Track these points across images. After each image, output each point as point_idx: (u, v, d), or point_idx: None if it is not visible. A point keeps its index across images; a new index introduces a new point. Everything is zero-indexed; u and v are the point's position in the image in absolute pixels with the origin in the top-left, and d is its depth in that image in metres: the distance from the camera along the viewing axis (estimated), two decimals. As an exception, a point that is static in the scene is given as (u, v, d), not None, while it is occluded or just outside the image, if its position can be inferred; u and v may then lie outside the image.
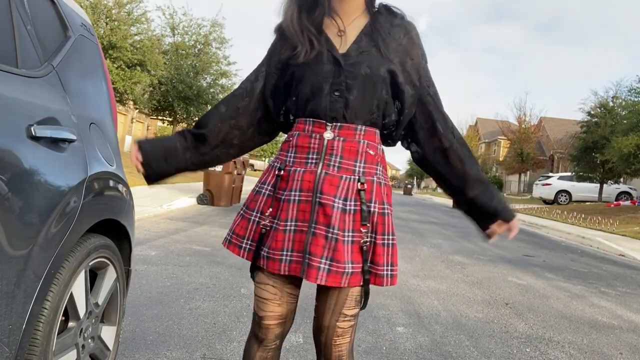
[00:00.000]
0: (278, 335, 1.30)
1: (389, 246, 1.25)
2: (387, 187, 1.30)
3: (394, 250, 1.27)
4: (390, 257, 1.25)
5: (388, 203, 1.28)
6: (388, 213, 1.27)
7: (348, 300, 1.26)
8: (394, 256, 1.26)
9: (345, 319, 1.26)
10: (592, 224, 12.79)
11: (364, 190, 1.23)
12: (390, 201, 1.30)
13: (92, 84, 1.82)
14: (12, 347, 1.17)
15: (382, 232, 1.24)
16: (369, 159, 1.25)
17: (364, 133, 1.25)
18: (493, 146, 45.11)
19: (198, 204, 9.32)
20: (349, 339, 1.29)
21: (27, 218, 1.19)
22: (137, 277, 3.53)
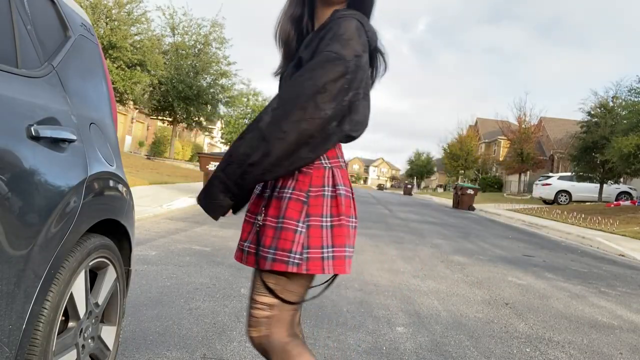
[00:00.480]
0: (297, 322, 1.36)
1: (278, 229, 1.22)
2: (300, 173, 1.25)
3: (282, 234, 1.21)
4: (276, 240, 1.21)
5: (294, 188, 1.24)
6: (287, 197, 1.24)
7: (257, 285, 1.27)
8: (281, 240, 1.21)
9: (256, 306, 1.26)
10: (592, 224, 12.80)
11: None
12: (300, 187, 1.24)
13: (92, 84, 1.82)
14: (12, 347, 1.17)
15: (275, 215, 1.24)
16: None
17: None
18: (493, 146, 45.12)
19: (198, 204, 9.32)
20: (266, 333, 1.25)
21: (27, 218, 1.19)
22: (137, 277, 3.53)
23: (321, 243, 1.23)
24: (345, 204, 1.27)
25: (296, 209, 1.22)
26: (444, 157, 43.59)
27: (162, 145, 30.81)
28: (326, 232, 1.23)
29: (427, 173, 66.34)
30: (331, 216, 1.24)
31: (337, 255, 1.23)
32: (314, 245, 1.22)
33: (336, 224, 1.24)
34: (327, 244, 1.23)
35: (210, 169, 9.40)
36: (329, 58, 1.19)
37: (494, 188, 37.98)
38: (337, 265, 1.23)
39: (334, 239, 1.24)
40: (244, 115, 29.74)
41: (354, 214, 1.31)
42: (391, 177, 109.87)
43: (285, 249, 1.20)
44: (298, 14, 1.38)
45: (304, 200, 1.23)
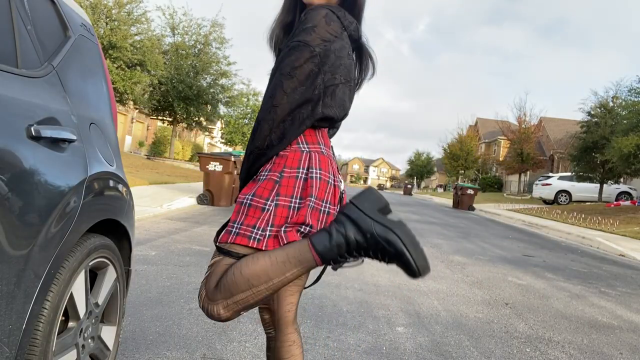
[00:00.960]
0: (267, 322, 1.47)
1: (244, 205, 1.27)
2: (277, 157, 1.30)
3: (250, 211, 1.26)
4: (243, 216, 1.27)
5: (271, 170, 1.29)
6: (263, 179, 1.29)
7: (215, 254, 1.32)
8: (248, 217, 1.26)
9: (207, 271, 1.31)
10: (592, 224, 12.79)
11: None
12: (275, 168, 1.29)
13: (92, 84, 1.82)
14: (12, 347, 1.17)
15: (246, 193, 1.29)
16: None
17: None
18: (493, 146, 45.12)
19: (198, 204, 9.33)
20: (203, 290, 1.29)
21: (27, 218, 1.19)
22: (137, 277, 3.53)
23: (284, 222, 1.25)
24: (321, 187, 1.28)
25: (267, 188, 1.27)
26: (444, 157, 43.59)
27: (162, 145, 30.80)
28: (292, 212, 1.26)
29: (427, 173, 66.36)
30: (300, 198, 1.27)
31: (289, 230, 1.26)
32: (278, 224, 1.25)
33: (302, 205, 1.27)
34: (288, 223, 1.26)
35: (210, 169, 9.40)
36: (293, 46, 1.26)
37: (494, 188, 37.98)
38: (290, 237, 1.25)
39: (298, 218, 1.26)
40: (244, 115, 29.75)
41: (332, 201, 1.32)
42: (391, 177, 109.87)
43: (249, 225, 1.25)
44: (289, 20, 1.45)
45: (276, 180, 1.27)
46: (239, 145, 30.99)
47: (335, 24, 1.31)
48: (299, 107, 1.26)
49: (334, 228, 1.24)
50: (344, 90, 1.34)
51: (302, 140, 1.31)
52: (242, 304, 1.24)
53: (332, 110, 1.32)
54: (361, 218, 1.23)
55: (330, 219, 1.31)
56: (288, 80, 1.24)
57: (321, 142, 1.35)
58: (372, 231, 1.22)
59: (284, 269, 1.22)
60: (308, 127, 1.29)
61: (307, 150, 1.30)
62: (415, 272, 1.21)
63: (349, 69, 1.36)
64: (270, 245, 1.23)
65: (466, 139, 41.53)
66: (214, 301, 1.25)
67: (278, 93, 1.25)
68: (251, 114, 30.43)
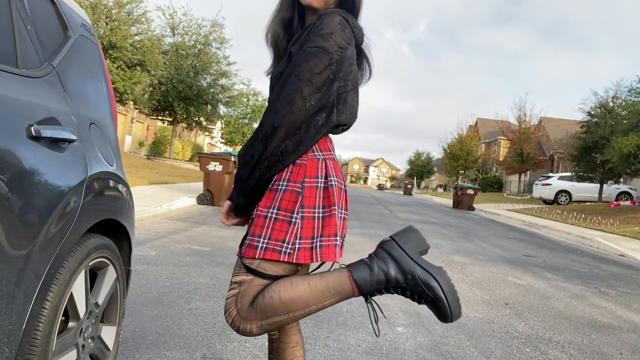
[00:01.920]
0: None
1: (269, 219, 1.26)
2: (294, 165, 1.29)
3: (277, 225, 1.25)
4: (270, 231, 1.25)
5: (291, 180, 1.27)
6: (283, 189, 1.27)
7: (235, 268, 1.32)
8: (275, 230, 1.24)
9: (231, 286, 1.31)
10: (592, 224, 12.79)
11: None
12: (295, 178, 1.28)
13: (92, 84, 1.82)
14: (12, 347, 1.17)
15: (269, 205, 1.26)
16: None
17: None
18: (493, 146, 45.12)
19: (198, 204, 9.33)
20: (231, 305, 1.29)
21: (27, 218, 1.19)
22: (137, 277, 3.53)
23: (312, 234, 1.26)
24: (337, 195, 1.30)
25: (291, 201, 1.26)
26: (444, 157, 43.59)
27: (162, 145, 30.80)
28: (317, 222, 1.27)
29: (427, 173, 66.35)
30: (323, 207, 1.28)
31: (325, 244, 1.26)
32: (306, 236, 1.25)
33: (327, 214, 1.28)
34: (317, 235, 1.26)
35: (210, 169, 9.40)
36: (312, 52, 1.25)
37: (494, 188, 37.98)
38: (326, 254, 1.25)
39: (324, 229, 1.27)
40: (244, 115, 29.75)
41: (344, 206, 1.35)
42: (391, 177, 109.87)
43: (278, 239, 1.24)
44: (288, 18, 1.43)
45: (298, 191, 1.26)
46: (239, 145, 31.00)
47: (348, 31, 1.31)
48: (314, 114, 1.27)
49: (375, 263, 1.26)
50: (353, 97, 1.35)
51: (317, 147, 1.32)
52: (276, 325, 1.27)
53: (344, 117, 1.33)
54: (403, 258, 1.26)
55: (346, 224, 1.34)
56: (308, 87, 1.23)
57: (330, 147, 1.37)
58: (414, 273, 1.24)
59: (322, 297, 1.24)
60: (324, 134, 1.30)
61: (322, 158, 1.31)
62: (449, 319, 1.25)
63: (356, 75, 1.38)
64: (301, 258, 1.24)
65: (466, 139, 41.53)
66: (247, 320, 1.26)
67: (298, 99, 1.23)
68: (251, 114, 30.42)
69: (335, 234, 1.27)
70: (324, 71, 1.25)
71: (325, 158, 1.32)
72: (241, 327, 1.26)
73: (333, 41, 1.27)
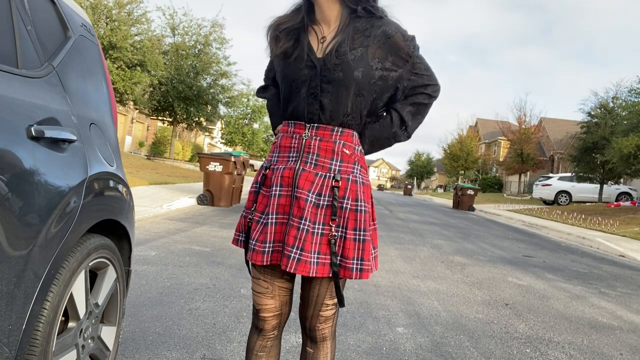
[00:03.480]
0: (275, 326, 1.42)
1: (359, 241, 1.30)
2: (364, 185, 1.35)
3: (366, 246, 1.30)
4: (360, 252, 1.30)
5: (364, 200, 1.32)
6: (362, 210, 1.31)
7: (329, 291, 1.36)
8: (366, 251, 1.30)
9: (327, 308, 1.38)
10: (592, 225, 12.79)
11: (337, 187, 1.30)
12: (368, 199, 1.35)
13: (92, 84, 1.82)
14: (12, 347, 1.17)
15: (354, 227, 1.30)
16: (345, 158, 1.33)
17: (340, 134, 1.34)
18: (493, 147, 45.12)
19: (198, 204, 9.32)
20: (331, 323, 1.41)
21: (27, 218, 1.19)
22: (137, 277, 3.53)
23: (376, 244, 1.40)
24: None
25: (368, 221, 1.33)
26: (444, 158, 43.58)
27: (162, 145, 30.79)
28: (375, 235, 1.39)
29: (427, 173, 66.32)
30: (373, 221, 1.38)
31: (376, 255, 1.39)
32: (375, 246, 1.37)
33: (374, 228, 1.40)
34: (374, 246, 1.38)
35: (210, 169, 9.39)
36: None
37: (494, 188, 37.96)
38: (376, 265, 1.38)
39: (373, 241, 1.37)
40: (244, 116, 29.76)
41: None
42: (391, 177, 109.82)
43: (365, 259, 1.30)
44: (290, 12, 1.41)
45: (370, 212, 1.36)
46: (239, 145, 30.98)
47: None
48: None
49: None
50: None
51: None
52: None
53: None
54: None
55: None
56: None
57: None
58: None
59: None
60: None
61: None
62: None
63: None
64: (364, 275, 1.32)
65: (466, 140, 41.52)
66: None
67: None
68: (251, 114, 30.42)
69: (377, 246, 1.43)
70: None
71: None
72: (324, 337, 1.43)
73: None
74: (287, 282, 1.40)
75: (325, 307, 1.37)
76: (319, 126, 1.33)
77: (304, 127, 1.34)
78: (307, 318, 1.41)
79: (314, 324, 1.40)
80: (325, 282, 1.35)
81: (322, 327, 1.40)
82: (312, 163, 1.31)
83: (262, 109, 31.19)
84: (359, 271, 1.29)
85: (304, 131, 1.33)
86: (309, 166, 1.31)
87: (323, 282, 1.35)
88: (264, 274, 1.38)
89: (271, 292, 1.38)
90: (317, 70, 1.30)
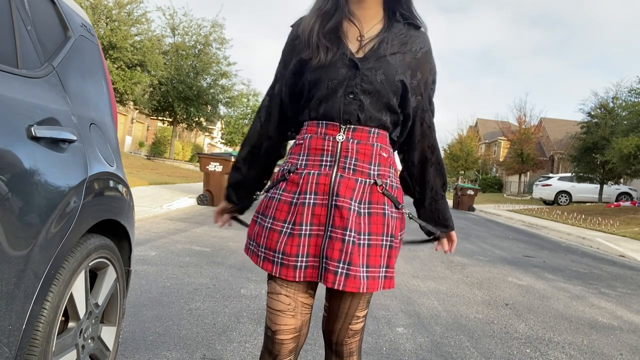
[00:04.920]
0: (292, 350, 1.26)
1: (387, 247, 1.24)
2: (399, 189, 1.32)
3: (392, 252, 1.26)
4: (386, 259, 1.24)
5: (390, 205, 1.28)
6: (394, 216, 1.27)
7: (361, 303, 1.30)
8: (392, 258, 1.26)
9: (357, 320, 1.32)
10: (592, 225, 12.79)
11: (383, 193, 1.25)
12: (402, 202, 1.32)
13: (93, 84, 1.82)
14: (12, 347, 1.17)
15: (380, 232, 1.23)
16: (383, 162, 1.27)
17: (376, 136, 1.26)
18: (493, 147, 45.11)
19: (198, 205, 9.32)
20: (359, 337, 1.36)
21: (27, 218, 1.19)
22: (137, 277, 3.53)
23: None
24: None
25: (396, 226, 1.28)
26: (444, 158, 43.52)
27: (162, 145, 30.79)
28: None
29: (427, 174, 66.22)
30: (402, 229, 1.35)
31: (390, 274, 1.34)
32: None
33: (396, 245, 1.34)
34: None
35: (210, 169, 9.39)
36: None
37: (494, 189, 37.95)
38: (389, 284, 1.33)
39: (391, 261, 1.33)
40: (244, 116, 29.75)
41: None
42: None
43: (390, 266, 1.25)
44: (327, 8, 1.29)
45: (399, 217, 1.31)
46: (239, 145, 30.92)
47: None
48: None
49: None
50: None
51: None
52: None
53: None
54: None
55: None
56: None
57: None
58: None
59: None
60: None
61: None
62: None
63: None
64: (387, 285, 1.27)
65: (466, 140, 41.50)
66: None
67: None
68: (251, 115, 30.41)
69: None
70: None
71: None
72: (351, 351, 1.36)
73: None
74: (310, 297, 1.27)
75: (356, 319, 1.32)
76: (356, 128, 1.24)
77: (339, 129, 1.23)
78: (333, 332, 1.32)
79: (342, 337, 1.32)
80: (359, 294, 1.27)
81: (350, 342, 1.34)
82: (350, 168, 1.22)
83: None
84: (383, 279, 1.24)
85: (337, 132, 1.23)
86: (347, 172, 1.22)
87: (357, 293, 1.27)
88: (287, 289, 1.22)
89: (293, 310, 1.23)
90: (359, 70, 1.22)
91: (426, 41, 1.33)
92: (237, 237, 5.87)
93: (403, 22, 1.31)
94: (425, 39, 1.33)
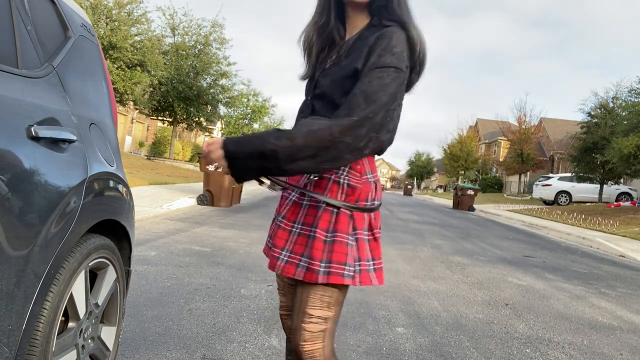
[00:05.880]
0: (290, 327, 1.42)
1: (330, 243, 1.21)
2: (350, 188, 1.25)
3: (334, 247, 1.21)
4: (329, 254, 1.20)
5: (343, 202, 1.24)
6: (337, 211, 1.23)
7: (311, 298, 1.22)
8: (335, 253, 1.20)
9: (311, 320, 1.22)
10: (592, 225, 12.79)
11: (317, 187, 1.27)
12: (351, 201, 1.25)
13: (93, 84, 1.82)
14: (12, 347, 1.17)
15: (326, 228, 1.22)
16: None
17: None
18: (493, 147, 45.12)
19: (198, 205, 9.32)
20: (320, 346, 1.23)
21: (27, 218, 1.19)
22: (137, 277, 3.53)
23: (366, 256, 1.26)
24: (377, 216, 1.32)
25: (345, 223, 1.23)
26: (444, 158, 43.58)
27: (162, 145, 30.79)
28: (367, 245, 1.27)
29: (427, 174, 66.31)
30: (368, 230, 1.28)
31: (377, 267, 1.29)
32: (363, 258, 1.25)
33: (371, 237, 1.29)
34: (369, 257, 1.27)
35: (210, 169, 9.37)
36: (390, 74, 1.19)
37: (494, 189, 37.97)
38: (379, 277, 1.29)
39: (373, 251, 1.29)
40: (244, 116, 29.76)
41: (379, 225, 1.36)
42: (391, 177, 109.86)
43: (340, 262, 1.20)
44: (322, 22, 1.37)
45: (349, 214, 1.24)
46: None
47: (407, 49, 1.25)
48: (372, 131, 1.18)
49: None
50: (398, 114, 1.29)
51: (369, 169, 1.29)
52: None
53: (390, 135, 1.28)
54: None
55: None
56: (391, 105, 1.20)
57: (375, 168, 1.34)
58: None
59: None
60: (371, 152, 1.25)
61: (373, 181, 1.30)
62: None
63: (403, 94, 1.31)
64: (363, 281, 1.24)
65: (466, 140, 41.53)
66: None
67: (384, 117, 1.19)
68: (251, 114, 30.42)
69: (381, 256, 1.31)
70: (398, 92, 1.21)
71: (375, 180, 1.30)
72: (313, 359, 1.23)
73: (405, 61, 1.22)
74: (293, 279, 1.30)
75: (308, 318, 1.21)
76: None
77: None
78: (292, 333, 1.27)
79: (297, 340, 1.22)
80: (308, 287, 1.22)
81: (307, 349, 1.21)
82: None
83: (262, 109, 31.20)
84: (325, 275, 1.19)
85: None
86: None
87: (306, 287, 1.22)
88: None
89: (282, 289, 1.46)
90: (316, 79, 1.35)
91: (385, 31, 1.23)
92: (237, 237, 5.87)
93: (378, 24, 1.28)
94: (386, 30, 1.23)
